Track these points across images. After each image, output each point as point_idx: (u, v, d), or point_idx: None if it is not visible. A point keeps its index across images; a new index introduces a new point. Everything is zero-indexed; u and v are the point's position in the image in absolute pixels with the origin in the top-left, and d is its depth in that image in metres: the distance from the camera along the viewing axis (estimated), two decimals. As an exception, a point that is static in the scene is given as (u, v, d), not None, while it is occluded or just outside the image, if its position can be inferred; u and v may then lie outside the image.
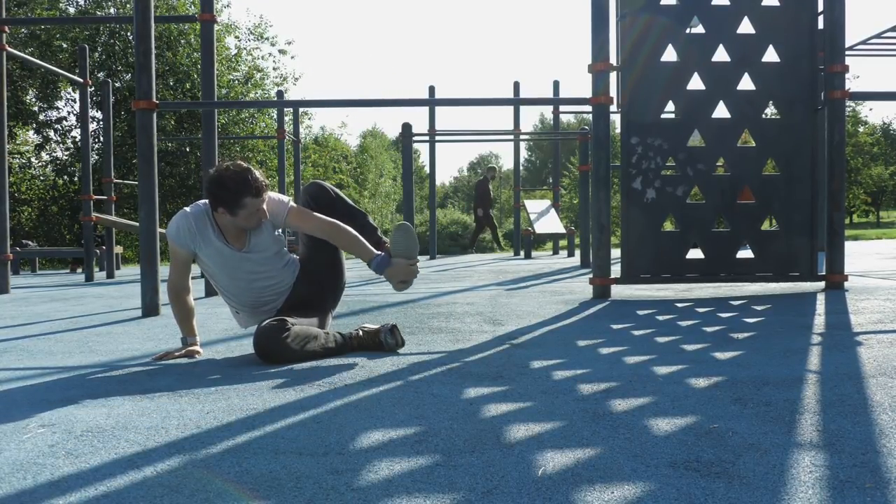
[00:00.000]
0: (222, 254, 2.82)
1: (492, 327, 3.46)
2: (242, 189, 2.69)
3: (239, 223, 2.78)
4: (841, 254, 4.63)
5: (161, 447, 1.65)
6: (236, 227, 2.81)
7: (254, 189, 2.70)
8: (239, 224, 2.79)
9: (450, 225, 27.01)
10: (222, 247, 2.81)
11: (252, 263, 2.85)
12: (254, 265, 2.85)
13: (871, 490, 1.29)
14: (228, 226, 2.82)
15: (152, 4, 4.52)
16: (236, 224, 2.79)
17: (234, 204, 2.71)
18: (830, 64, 4.56)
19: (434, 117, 13.94)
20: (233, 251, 2.82)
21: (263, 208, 2.77)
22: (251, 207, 2.73)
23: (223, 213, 2.75)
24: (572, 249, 11.81)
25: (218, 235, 2.82)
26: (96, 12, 21.01)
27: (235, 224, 2.79)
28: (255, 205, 2.73)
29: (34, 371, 2.67)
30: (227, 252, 2.82)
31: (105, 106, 10.50)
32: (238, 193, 2.69)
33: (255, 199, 2.72)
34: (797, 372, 2.27)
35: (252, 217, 2.76)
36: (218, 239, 2.81)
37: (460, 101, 5.84)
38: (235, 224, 2.79)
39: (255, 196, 2.72)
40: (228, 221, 2.79)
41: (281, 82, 23.88)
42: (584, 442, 1.61)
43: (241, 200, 2.70)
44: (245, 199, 2.70)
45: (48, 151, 22.44)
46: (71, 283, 8.71)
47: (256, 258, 2.85)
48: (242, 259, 2.83)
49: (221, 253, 2.82)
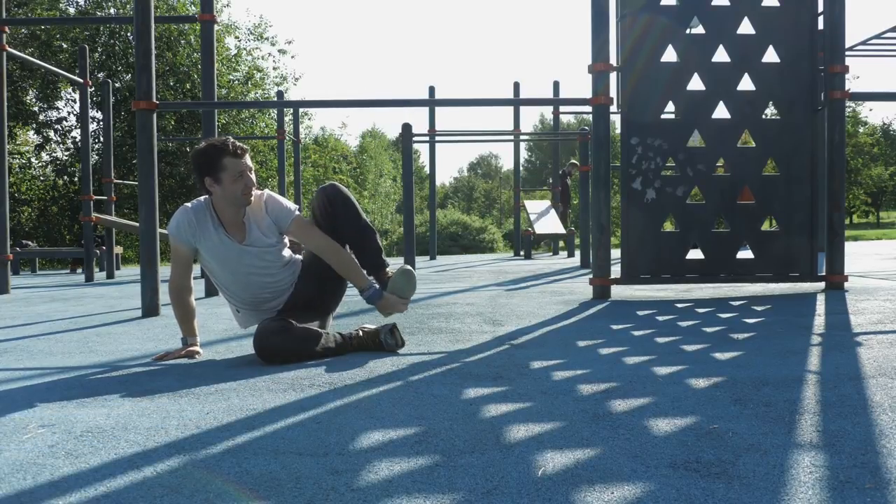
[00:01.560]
0: (222, 246, 2.82)
1: (492, 328, 3.46)
2: (220, 149, 2.74)
3: (229, 195, 2.76)
4: (841, 254, 4.63)
5: (161, 447, 1.65)
6: (234, 205, 2.79)
7: (231, 148, 2.74)
8: (230, 197, 2.77)
9: (450, 225, 27.06)
10: (222, 239, 2.81)
11: (252, 257, 2.84)
12: (253, 259, 2.84)
13: (871, 490, 1.29)
14: (227, 213, 2.82)
15: (152, 5, 4.52)
16: (228, 198, 2.77)
17: (215, 167, 2.73)
18: (830, 64, 4.56)
19: (434, 117, 13.94)
20: (233, 243, 2.82)
21: (250, 175, 2.77)
22: (233, 169, 2.73)
23: (211, 184, 2.76)
24: (572, 250, 11.82)
25: (218, 227, 2.82)
26: (96, 12, 21.01)
27: (228, 199, 2.77)
28: (236, 165, 2.74)
29: (34, 371, 2.67)
30: (228, 244, 2.82)
31: (105, 106, 10.50)
32: (216, 156, 2.73)
33: (235, 159, 2.74)
34: (797, 372, 2.27)
35: (238, 182, 2.74)
36: (217, 231, 2.81)
37: (460, 102, 5.85)
38: (228, 199, 2.77)
39: (233, 156, 2.74)
40: (222, 198, 2.78)
41: (281, 82, 23.88)
42: (584, 442, 1.61)
43: (221, 162, 2.72)
44: (224, 160, 2.73)
45: (48, 152, 22.44)
46: (71, 283, 8.71)
47: (256, 252, 2.84)
48: (242, 252, 2.83)
49: (221, 245, 2.82)
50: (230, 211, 2.82)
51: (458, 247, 25.17)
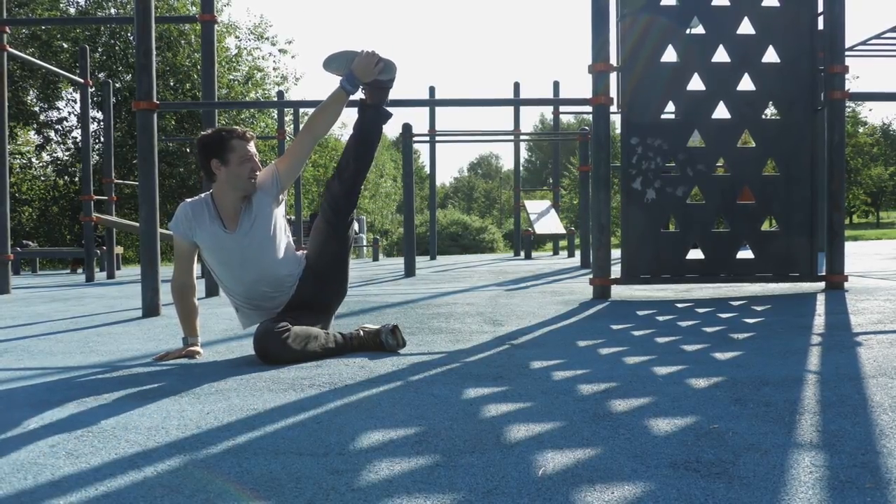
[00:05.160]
0: (216, 237, 2.83)
1: (492, 328, 3.46)
2: (230, 131, 2.84)
3: (233, 177, 2.80)
4: (841, 254, 4.63)
5: (161, 447, 1.65)
6: (237, 189, 2.82)
7: (240, 132, 2.84)
8: (234, 180, 2.80)
9: (450, 225, 27.07)
10: (217, 230, 2.83)
11: (245, 246, 2.83)
12: (246, 248, 2.83)
13: (871, 490, 1.29)
14: (227, 202, 2.84)
15: (153, 5, 4.53)
16: (232, 181, 2.81)
17: (223, 148, 2.80)
18: (830, 64, 4.56)
19: (434, 118, 13.95)
20: (227, 234, 2.83)
21: (255, 160, 2.84)
22: (241, 150, 2.80)
23: (217, 166, 2.80)
24: (572, 250, 11.82)
25: (214, 219, 2.84)
26: (97, 13, 21.02)
27: (232, 182, 2.81)
28: (244, 148, 2.81)
29: (34, 371, 2.67)
30: (221, 235, 2.83)
31: (105, 106, 10.52)
32: (226, 137, 2.82)
33: (243, 142, 2.82)
34: (797, 372, 2.27)
35: (245, 165, 2.80)
36: (213, 223, 2.84)
37: (460, 102, 5.85)
38: (232, 182, 2.81)
39: (241, 139, 2.83)
40: (225, 182, 2.82)
41: (281, 82, 23.90)
42: (584, 442, 1.61)
43: (230, 143, 2.80)
44: (233, 142, 2.81)
45: (49, 152, 22.46)
46: (71, 283, 8.71)
47: (248, 240, 2.83)
48: (234, 241, 2.83)
49: (215, 236, 2.83)
50: (230, 198, 2.84)
51: (458, 247, 25.17)
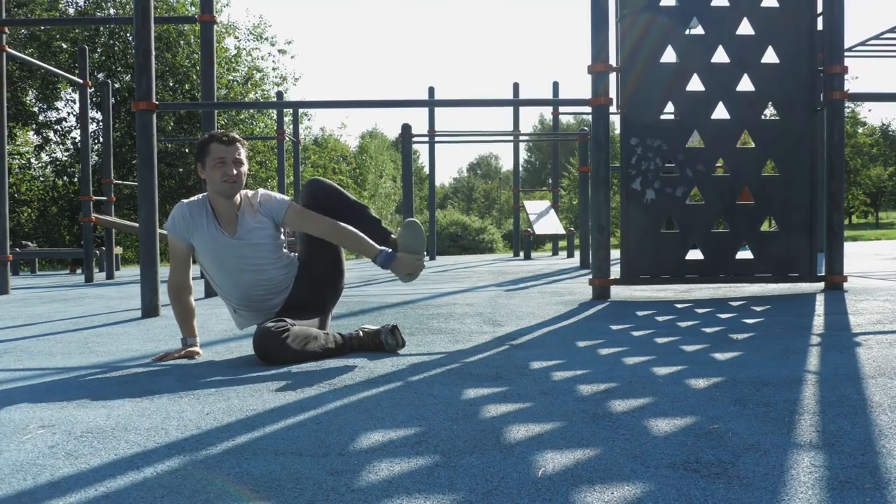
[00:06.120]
0: (213, 240, 2.83)
1: (492, 328, 3.46)
2: (211, 136, 2.85)
3: (209, 181, 2.81)
4: (840, 254, 4.63)
5: (161, 448, 1.65)
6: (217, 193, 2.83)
7: (221, 136, 2.84)
8: (210, 183, 2.81)
9: (449, 226, 27.07)
10: (213, 233, 2.83)
11: (242, 251, 2.83)
12: (244, 253, 2.84)
13: (871, 491, 1.29)
14: (221, 206, 2.85)
15: (152, 5, 4.53)
16: (210, 185, 2.82)
17: (203, 152, 2.83)
18: (829, 65, 4.56)
19: (434, 118, 13.95)
20: (225, 237, 2.83)
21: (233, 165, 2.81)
22: (215, 154, 2.80)
23: (200, 169, 2.86)
24: (572, 250, 11.82)
25: (211, 221, 2.84)
26: (96, 13, 21.01)
27: (210, 186, 2.82)
28: (219, 152, 2.81)
29: (34, 372, 2.67)
30: (219, 238, 2.83)
31: (105, 107, 10.51)
32: (206, 141, 2.85)
33: (220, 146, 2.82)
34: (796, 373, 2.27)
35: (217, 168, 2.79)
36: (210, 225, 2.84)
37: (460, 103, 5.84)
38: (210, 186, 2.82)
39: (220, 142, 2.83)
40: (210, 186, 2.83)
41: (280, 82, 23.89)
42: (583, 442, 1.61)
43: (208, 146, 2.82)
44: (211, 146, 2.82)
45: (48, 152, 22.45)
46: (70, 283, 8.71)
47: (247, 246, 2.84)
48: (233, 246, 2.83)
49: (213, 239, 2.83)
50: (222, 203, 2.85)
51: (457, 247, 25.18)
